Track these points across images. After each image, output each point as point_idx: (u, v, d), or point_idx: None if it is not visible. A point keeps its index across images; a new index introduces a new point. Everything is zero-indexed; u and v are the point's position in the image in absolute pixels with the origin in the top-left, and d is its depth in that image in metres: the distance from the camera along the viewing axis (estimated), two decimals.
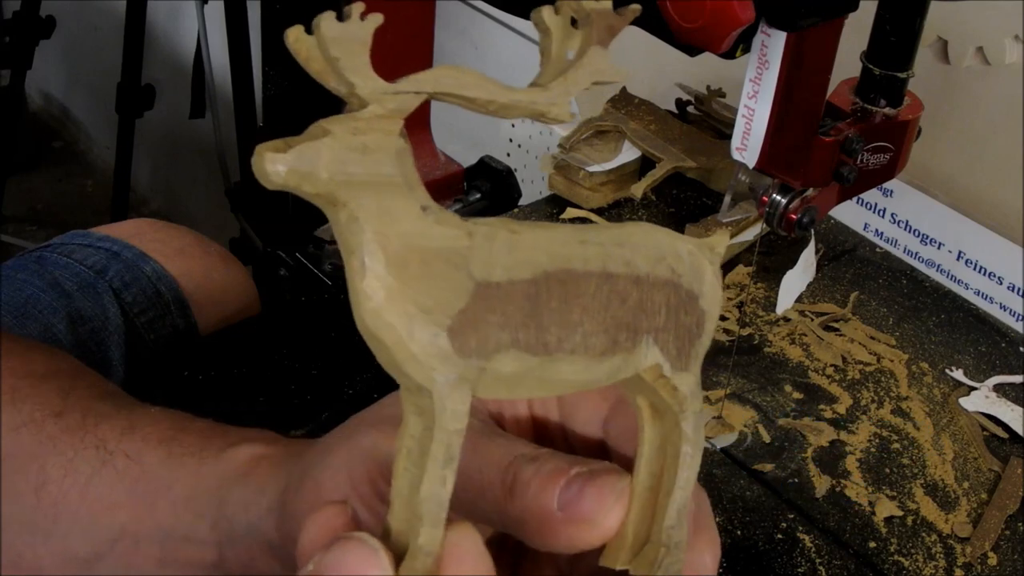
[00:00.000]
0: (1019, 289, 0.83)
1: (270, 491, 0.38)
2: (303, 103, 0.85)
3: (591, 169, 0.88)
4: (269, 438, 0.42)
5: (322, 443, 0.37)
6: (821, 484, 0.69)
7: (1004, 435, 0.74)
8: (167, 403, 0.48)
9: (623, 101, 0.96)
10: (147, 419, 0.44)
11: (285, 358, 0.73)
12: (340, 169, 0.26)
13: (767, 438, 0.71)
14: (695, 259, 0.31)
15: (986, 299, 0.85)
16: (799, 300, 0.84)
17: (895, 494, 0.69)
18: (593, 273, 0.29)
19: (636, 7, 0.29)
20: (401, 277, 0.27)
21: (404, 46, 0.84)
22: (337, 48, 0.26)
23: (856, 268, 0.89)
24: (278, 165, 0.26)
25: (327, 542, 0.29)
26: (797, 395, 0.75)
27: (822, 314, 0.83)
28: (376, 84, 0.26)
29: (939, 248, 0.87)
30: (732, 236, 0.84)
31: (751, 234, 0.85)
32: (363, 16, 0.26)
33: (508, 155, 1.33)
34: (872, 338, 0.81)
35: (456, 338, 0.27)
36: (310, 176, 0.26)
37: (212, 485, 0.40)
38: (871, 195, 0.90)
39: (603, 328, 0.29)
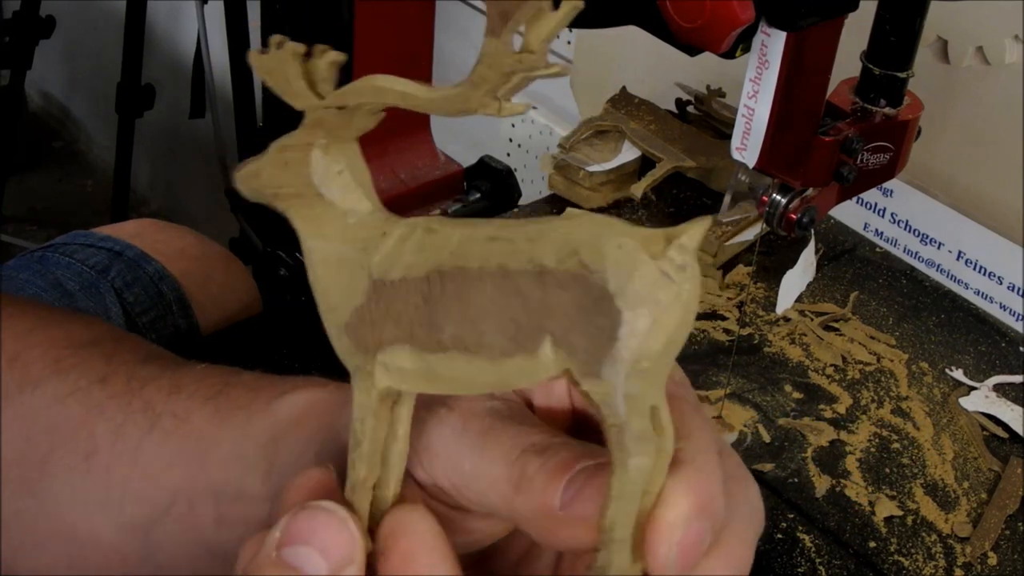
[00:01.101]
0: (1019, 289, 0.83)
1: (319, 439, 0.37)
2: None
3: (591, 169, 0.88)
4: (318, 383, 0.41)
5: None
6: (821, 484, 0.69)
7: (1004, 435, 0.74)
8: None
9: (623, 101, 0.96)
10: (192, 377, 0.44)
11: (285, 358, 0.73)
12: (271, 183, 0.31)
13: (767, 438, 0.72)
14: (625, 254, 0.27)
15: (986, 299, 0.85)
16: (799, 300, 0.84)
17: (895, 494, 0.69)
18: (489, 271, 0.28)
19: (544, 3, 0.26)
20: (326, 275, 0.31)
21: (404, 46, 0.84)
22: (268, 76, 0.29)
23: (856, 268, 0.89)
24: (235, 180, 0.31)
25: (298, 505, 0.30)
26: (797, 395, 0.75)
27: (822, 314, 0.83)
28: (306, 102, 0.30)
29: (939, 248, 0.87)
30: (732, 236, 0.84)
31: (751, 234, 0.85)
32: (280, 45, 0.29)
33: (508, 155, 1.33)
34: (872, 338, 0.81)
35: (353, 333, 0.30)
36: (255, 190, 0.31)
37: (263, 438, 0.39)
38: (871, 195, 0.90)
39: (500, 328, 0.28)
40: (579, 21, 0.27)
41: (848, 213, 0.93)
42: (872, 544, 0.65)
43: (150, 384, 0.43)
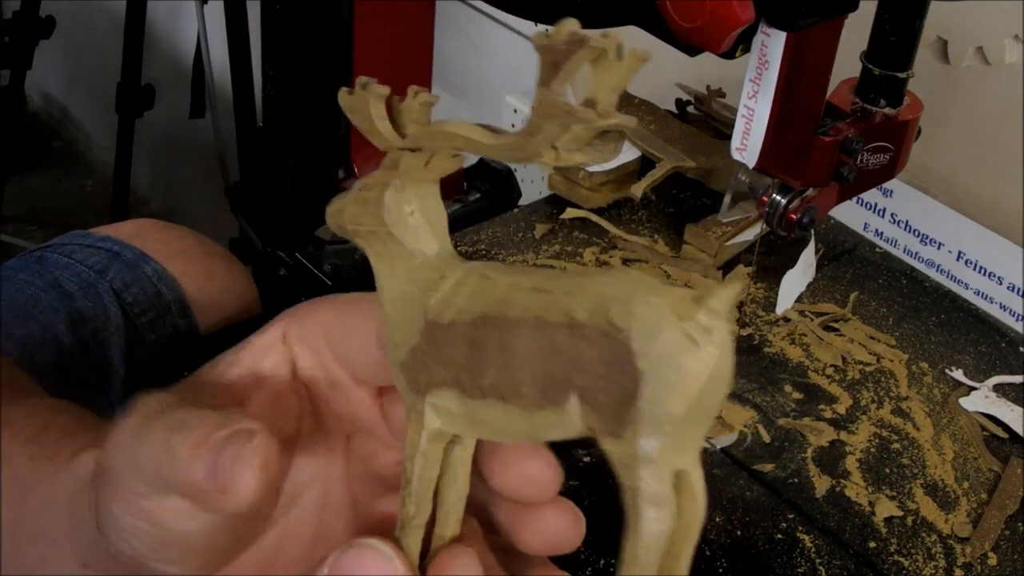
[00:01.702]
0: (1019, 289, 0.83)
1: None
2: (303, 103, 0.85)
3: (591, 169, 0.88)
4: None
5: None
6: (821, 484, 0.69)
7: (1004, 435, 0.74)
8: None
9: (623, 101, 0.96)
10: (21, 413, 0.45)
11: None
12: (352, 220, 0.32)
13: (767, 438, 0.71)
14: (652, 314, 0.27)
15: (986, 299, 0.85)
16: (799, 300, 0.84)
17: (895, 494, 0.69)
18: (527, 321, 0.28)
19: (586, 37, 0.26)
20: (392, 313, 0.31)
21: (404, 46, 0.84)
22: (353, 116, 0.30)
23: (856, 268, 0.89)
24: (326, 215, 0.32)
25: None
26: (797, 395, 0.75)
27: (822, 314, 0.83)
28: (385, 142, 0.30)
29: (939, 248, 0.87)
30: (732, 236, 0.84)
31: (751, 234, 0.85)
32: (365, 86, 0.30)
33: None
34: (872, 338, 0.81)
35: (407, 372, 0.31)
36: (339, 226, 0.32)
37: (65, 493, 0.40)
38: (871, 195, 0.90)
39: (533, 379, 0.28)
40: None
41: (848, 213, 0.93)
42: (872, 544, 0.65)
43: None
